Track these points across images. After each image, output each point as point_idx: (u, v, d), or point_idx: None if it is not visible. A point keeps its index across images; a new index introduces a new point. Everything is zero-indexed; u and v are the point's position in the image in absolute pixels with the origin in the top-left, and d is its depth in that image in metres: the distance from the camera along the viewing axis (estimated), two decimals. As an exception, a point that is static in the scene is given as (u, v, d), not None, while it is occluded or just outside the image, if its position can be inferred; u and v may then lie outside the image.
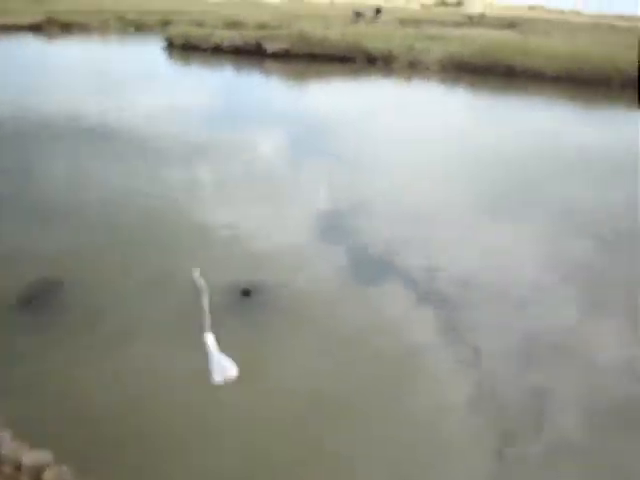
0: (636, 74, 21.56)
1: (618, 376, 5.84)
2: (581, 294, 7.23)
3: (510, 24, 40.92)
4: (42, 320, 5.59)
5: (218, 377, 4.94)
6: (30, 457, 3.06)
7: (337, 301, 6.58)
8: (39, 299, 5.91)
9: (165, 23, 35.50)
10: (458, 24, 40.53)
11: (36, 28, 32.82)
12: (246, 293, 6.42)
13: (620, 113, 20.02)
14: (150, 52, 27.47)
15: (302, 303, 6.45)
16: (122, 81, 19.59)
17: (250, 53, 26.23)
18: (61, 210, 8.26)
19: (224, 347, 5.34)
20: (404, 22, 40.82)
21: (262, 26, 32.39)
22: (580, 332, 6.47)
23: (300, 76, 23.22)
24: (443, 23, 40.54)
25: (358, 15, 39.90)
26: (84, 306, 5.94)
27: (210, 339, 5.37)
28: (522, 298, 7.03)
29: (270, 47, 26.56)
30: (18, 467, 3.06)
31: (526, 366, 5.86)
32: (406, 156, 12.52)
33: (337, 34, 28.46)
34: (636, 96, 19.85)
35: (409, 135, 14.37)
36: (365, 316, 6.31)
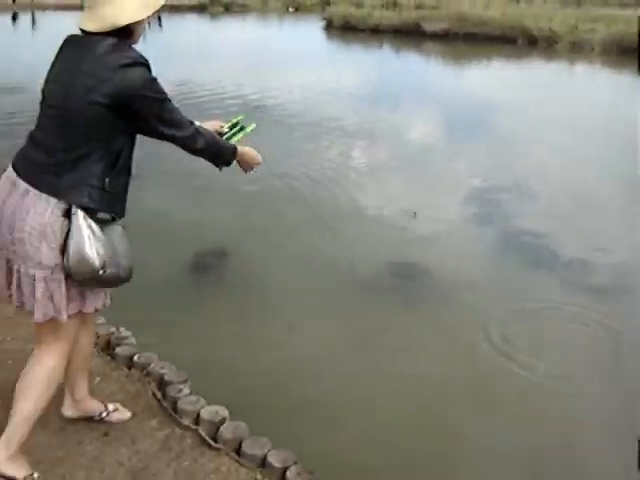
0: None
1: None
2: None
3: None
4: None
5: None
6: (207, 411, 3.25)
7: (485, 283, 6.42)
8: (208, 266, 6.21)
9: (325, 3, 35.94)
10: (623, 4, 38.44)
11: (200, 8, 34.18)
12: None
13: None
14: (309, 32, 27.90)
15: (451, 282, 6.34)
16: (279, 60, 20.02)
17: (409, 34, 26.08)
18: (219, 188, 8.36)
19: (378, 321, 5.41)
20: (566, 1, 39.18)
21: (420, 6, 32.10)
22: None
23: (459, 57, 22.84)
24: (606, 3, 38.57)
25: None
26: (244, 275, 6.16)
27: None
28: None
29: (429, 27, 26.30)
30: (196, 421, 3.27)
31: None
32: (566, 140, 12.05)
33: (497, 14, 27.75)
34: None
35: (570, 120, 13.81)
36: (514, 301, 6.12)
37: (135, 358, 3.66)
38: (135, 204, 3.02)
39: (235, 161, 3.00)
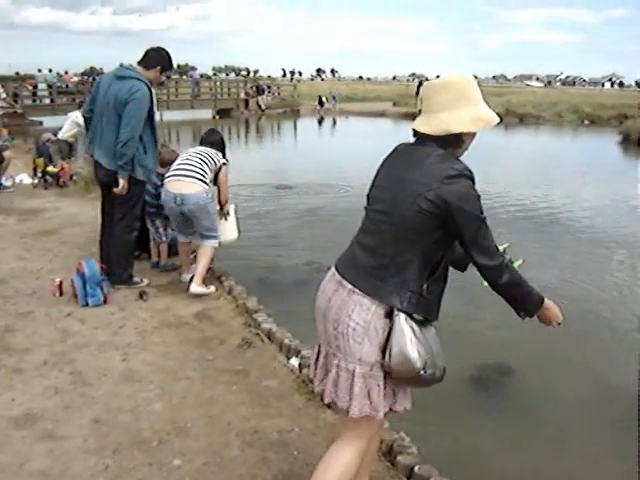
0: None
1: None
2: None
3: None
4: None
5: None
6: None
7: None
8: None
9: (622, 117, 34.75)
10: None
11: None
12: None
13: None
14: (603, 146, 27.06)
15: None
16: (570, 173, 19.57)
17: None
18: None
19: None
20: None
21: None
22: None
23: None
24: None
25: None
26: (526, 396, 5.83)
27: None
28: None
29: None
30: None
31: None
32: None
33: None
34: None
35: None
36: None
37: (416, 469, 3.57)
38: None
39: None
